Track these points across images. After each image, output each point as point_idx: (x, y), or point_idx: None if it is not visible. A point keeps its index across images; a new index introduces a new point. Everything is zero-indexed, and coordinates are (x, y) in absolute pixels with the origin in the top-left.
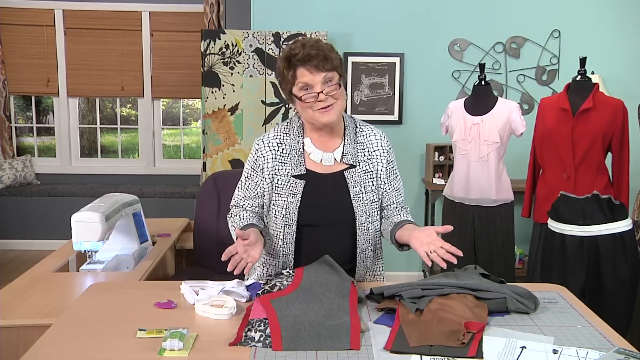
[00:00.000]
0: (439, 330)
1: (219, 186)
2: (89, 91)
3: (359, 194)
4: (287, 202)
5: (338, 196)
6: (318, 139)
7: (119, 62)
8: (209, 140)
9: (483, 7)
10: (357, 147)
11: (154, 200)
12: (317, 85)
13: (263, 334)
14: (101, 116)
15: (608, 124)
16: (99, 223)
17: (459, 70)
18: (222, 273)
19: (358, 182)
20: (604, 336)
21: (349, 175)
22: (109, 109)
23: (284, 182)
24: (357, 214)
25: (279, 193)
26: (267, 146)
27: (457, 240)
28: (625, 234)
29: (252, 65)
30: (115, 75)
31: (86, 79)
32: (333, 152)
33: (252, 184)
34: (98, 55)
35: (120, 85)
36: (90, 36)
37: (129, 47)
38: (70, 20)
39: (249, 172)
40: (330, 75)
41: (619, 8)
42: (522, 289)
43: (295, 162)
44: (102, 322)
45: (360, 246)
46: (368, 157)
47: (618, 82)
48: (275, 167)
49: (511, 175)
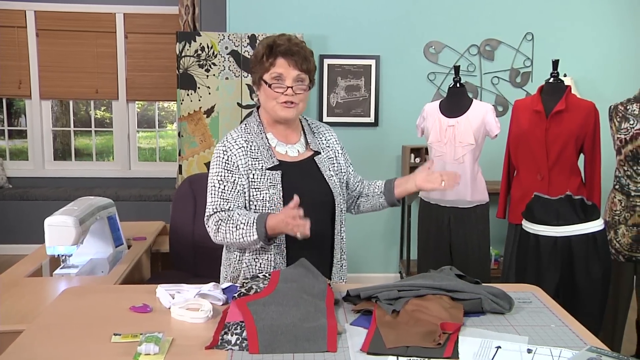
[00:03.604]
0: (416, 331)
1: (194, 189)
2: (62, 93)
3: (332, 177)
4: (269, 194)
5: (315, 180)
6: (278, 133)
7: (93, 64)
8: (184, 143)
9: (458, 10)
10: (315, 137)
11: (129, 204)
12: (289, 80)
13: (240, 337)
14: (75, 119)
15: (580, 125)
16: (73, 227)
17: (434, 73)
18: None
19: (327, 166)
20: (576, 335)
21: (319, 160)
22: (83, 111)
23: (260, 176)
24: (335, 194)
25: (256, 188)
26: (235, 144)
27: (433, 242)
28: (598, 234)
29: (228, 68)
30: (89, 78)
31: (59, 81)
32: (296, 145)
33: (229, 184)
34: (71, 57)
35: (94, 87)
36: (64, 38)
37: (103, 49)
38: (42, 22)
39: (223, 174)
40: (304, 77)
41: (591, 12)
42: (497, 289)
43: (265, 156)
44: (76, 327)
45: (337, 227)
46: (327, 145)
47: (590, 84)
48: (248, 163)
49: (486, 177)
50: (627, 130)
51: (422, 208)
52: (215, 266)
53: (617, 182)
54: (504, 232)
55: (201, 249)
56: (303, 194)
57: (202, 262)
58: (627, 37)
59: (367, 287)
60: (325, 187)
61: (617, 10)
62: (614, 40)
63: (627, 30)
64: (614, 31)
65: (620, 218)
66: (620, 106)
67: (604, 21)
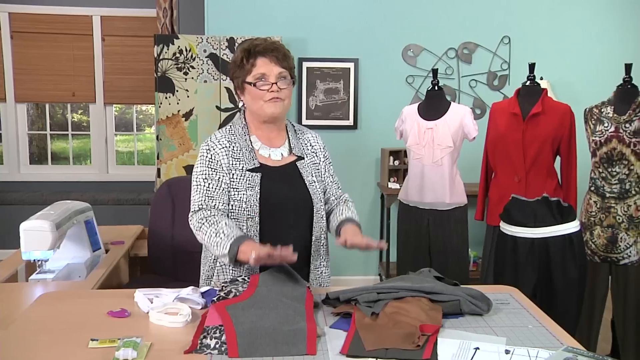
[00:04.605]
0: (395, 333)
1: (173, 192)
2: (38, 97)
3: (313, 183)
4: (246, 195)
5: (294, 185)
6: (263, 135)
7: (69, 67)
8: (163, 146)
9: (436, 13)
10: (299, 142)
11: (107, 208)
12: (272, 77)
13: (219, 340)
14: (51, 122)
15: (556, 128)
16: (49, 231)
17: (413, 76)
18: (177, 280)
19: (309, 172)
20: (553, 335)
21: (301, 165)
22: (60, 114)
23: (240, 177)
24: (314, 200)
25: (235, 188)
26: (218, 144)
27: (413, 244)
28: (574, 235)
29: (207, 71)
30: (66, 81)
31: (35, 84)
32: (279, 148)
33: (214, 182)
34: (48, 60)
35: (71, 90)
36: (39, 40)
37: (80, 52)
38: (17, 24)
39: (207, 172)
40: (285, 73)
41: (567, 16)
42: (476, 291)
43: (247, 157)
44: (53, 332)
45: (315, 233)
46: (312, 151)
47: (566, 87)
48: (230, 163)
49: (464, 179)
50: (601, 132)
51: (401, 210)
52: (194, 270)
53: (592, 183)
54: (482, 234)
55: (180, 253)
56: (281, 198)
57: (181, 266)
58: (602, 41)
59: (346, 290)
60: (305, 192)
61: (593, 14)
62: (589, 43)
63: (602, 35)
64: (589, 35)
65: (596, 219)
66: (595, 109)
67: (580, 25)
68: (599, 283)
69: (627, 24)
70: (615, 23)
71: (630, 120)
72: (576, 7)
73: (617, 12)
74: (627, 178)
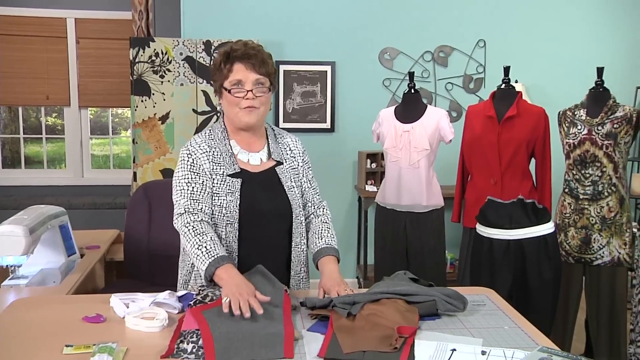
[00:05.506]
0: (372, 335)
1: (150, 196)
2: (10, 100)
3: (292, 188)
4: (226, 200)
5: (274, 191)
6: (242, 140)
7: (43, 69)
8: (139, 150)
9: (412, 17)
10: (279, 147)
11: (82, 212)
12: (249, 84)
13: (196, 345)
14: (25, 125)
15: (531, 130)
16: (23, 236)
17: (390, 79)
18: (154, 285)
19: (288, 177)
20: (529, 336)
21: (280, 171)
22: (34, 118)
23: (220, 182)
24: (293, 206)
25: (216, 193)
26: (199, 149)
27: (390, 246)
28: (549, 237)
29: (183, 74)
30: (40, 84)
31: (7, 87)
32: (259, 153)
33: (197, 185)
34: (20, 62)
35: (45, 93)
36: (12, 42)
37: (54, 55)
38: None
39: (189, 176)
40: (263, 80)
41: (541, 20)
42: (451, 290)
43: (227, 162)
44: (26, 339)
45: (295, 239)
46: (291, 156)
47: (540, 90)
48: (211, 168)
49: (441, 182)
50: (575, 135)
51: (378, 213)
52: (171, 274)
53: (566, 185)
54: (459, 236)
55: (157, 257)
56: (260, 205)
57: (158, 271)
58: (575, 45)
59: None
60: (284, 198)
61: (566, 18)
62: (563, 47)
63: (575, 38)
64: (563, 38)
65: (570, 221)
66: (568, 112)
67: (553, 29)
68: (573, 283)
69: (599, 28)
70: (588, 28)
71: (603, 123)
72: (549, 11)
73: (589, 17)
74: (600, 180)
